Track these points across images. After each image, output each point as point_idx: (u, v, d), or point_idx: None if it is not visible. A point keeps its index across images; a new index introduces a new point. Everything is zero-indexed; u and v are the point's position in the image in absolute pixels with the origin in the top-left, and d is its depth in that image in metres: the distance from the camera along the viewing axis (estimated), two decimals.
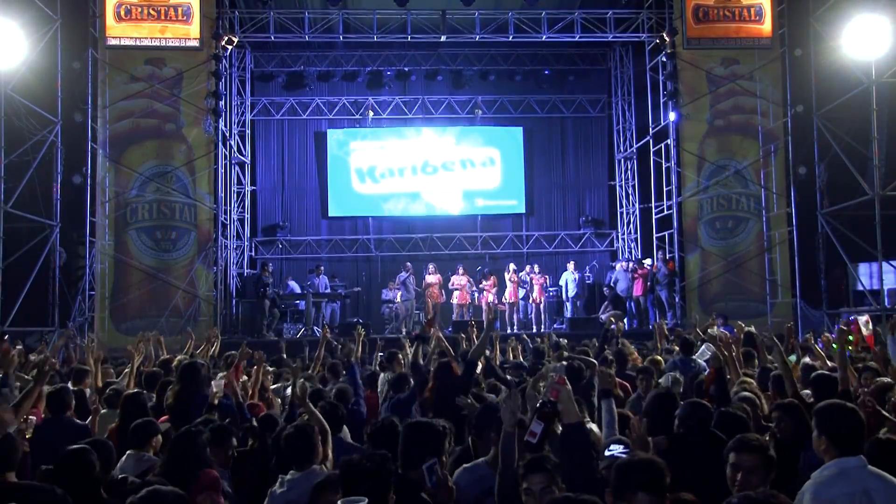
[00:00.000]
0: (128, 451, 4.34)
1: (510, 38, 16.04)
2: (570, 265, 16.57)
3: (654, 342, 9.83)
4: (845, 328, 6.32)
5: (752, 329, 8.30)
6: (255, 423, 4.83)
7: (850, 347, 6.61)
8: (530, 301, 16.05)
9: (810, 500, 3.00)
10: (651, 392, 4.64)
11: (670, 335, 10.14)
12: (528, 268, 16.40)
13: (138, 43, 14.65)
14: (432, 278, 15.78)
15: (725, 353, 6.21)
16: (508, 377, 7.25)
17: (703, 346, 5.06)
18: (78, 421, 5.33)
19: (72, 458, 3.49)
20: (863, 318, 8.38)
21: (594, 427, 4.59)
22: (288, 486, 3.52)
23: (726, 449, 3.20)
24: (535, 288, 15.91)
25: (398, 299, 15.69)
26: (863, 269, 15.60)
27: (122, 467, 4.14)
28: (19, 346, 8.90)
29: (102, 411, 5.69)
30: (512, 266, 16.29)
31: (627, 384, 6.61)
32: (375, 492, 2.66)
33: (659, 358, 6.95)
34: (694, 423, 3.89)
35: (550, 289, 16.36)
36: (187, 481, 3.33)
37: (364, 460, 2.78)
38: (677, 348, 7.82)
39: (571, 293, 16.25)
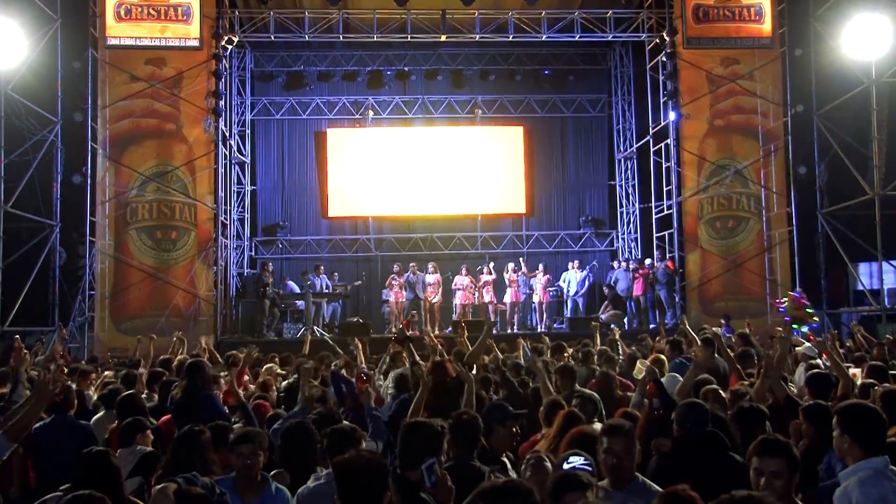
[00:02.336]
0: (118, 450, 4.34)
1: (510, 38, 16.04)
2: (574, 263, 16.55)
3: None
4: (823, 339, 6.33)
5: (746, 330, 8.35)
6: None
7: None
8: (534, 300, 16.05)
9: (861, 498, 2.92)
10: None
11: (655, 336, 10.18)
12: (526, 268, 16.40)
13: (138, 43, 14.64)
14: (431, 278, 15.80)
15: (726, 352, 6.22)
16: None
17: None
18: (80, 421, 5.33)
19: (94, 464, 3.40)
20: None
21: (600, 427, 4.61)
22: (325, 479, 3.53)
23: (748, 452, 3.10)
24: (538, 287, 15.91)
25: (396, 298, 15.69)
26: (863, 269, 15.62)
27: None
28: (17, 336, 8.91)
29: (100, 413, 5.70)
30: (511, 265, 16.30)
31: (630, 383, 6.61)
32: (374, 492, 2.65)
33: (663, 357, 6.92)
34: (692, 424, 3.89)
35: (551, 289, 16.36)
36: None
37: (365, 460, 2.76)
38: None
39: (572, 292, 16.21)
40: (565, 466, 3.05)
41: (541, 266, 16.36)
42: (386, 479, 2.69)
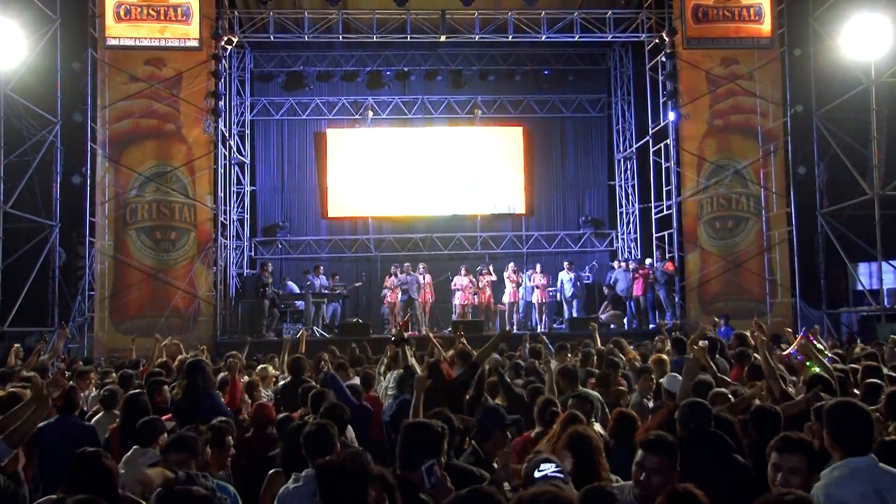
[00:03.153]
0: (134, 447, 4.31)
1: (510, 38, 16.04)
2: (565, 265, 16.54)
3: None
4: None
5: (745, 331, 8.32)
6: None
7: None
8: (533, 301, 16.04)
9: (823, 500, 2.90)
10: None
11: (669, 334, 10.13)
12: (529, 270, 16.40)
13: (138, 43, 14.63)
14: (424, 279, 15.79)
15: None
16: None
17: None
18: (85, 422, 5.31)
19: (87, 465, 3.33)
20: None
21: (599, 427, 4.61)
22: (304, 481, 3.53)
23: (768, 448, 3.08)
24: (538, 288, 15.92)
25: (391, 298, 15.73)
26: (862, 269, 15.63)
27: (125, 460, 4.12)
28: (17, 345, 8.91)
29: (99, 414, 5.68)
30: (511, 265, 16.31)
31: (626, 383, 6.62)
32: (354, 491, 2.66)
33: (665, 357, 6.92)
34: (695, 424, 3.88)
35: (550, 289, 16.36)
36: None
37: (342, 460, 2.78)
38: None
39: (568, 293, 16.21)
40: (536, 474, 2.94)
41: (538, 266, 16.36)
42: (366, 478, 2.70)
